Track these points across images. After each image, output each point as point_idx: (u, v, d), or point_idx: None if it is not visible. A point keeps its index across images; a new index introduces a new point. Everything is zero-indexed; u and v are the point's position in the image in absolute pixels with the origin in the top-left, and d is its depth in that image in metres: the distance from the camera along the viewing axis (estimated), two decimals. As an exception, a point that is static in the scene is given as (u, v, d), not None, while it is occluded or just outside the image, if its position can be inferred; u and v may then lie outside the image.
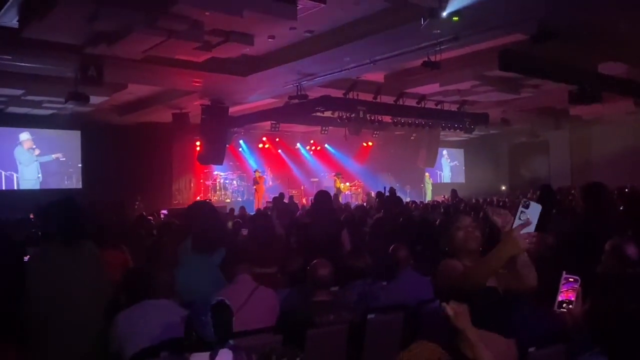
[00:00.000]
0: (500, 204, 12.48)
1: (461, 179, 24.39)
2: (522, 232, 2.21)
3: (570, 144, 20.22)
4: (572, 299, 2.16)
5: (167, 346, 2.64)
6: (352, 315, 3.30)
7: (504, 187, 21.98)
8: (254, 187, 17.29)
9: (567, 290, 2.17)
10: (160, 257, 4.52)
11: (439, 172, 23.56)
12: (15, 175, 14.67)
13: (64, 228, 3.17)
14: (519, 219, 2.23)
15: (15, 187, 14.57)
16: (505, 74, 10.76)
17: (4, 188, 14.35)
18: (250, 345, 2.52)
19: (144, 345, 2.71)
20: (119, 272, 3.68)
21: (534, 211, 2.24)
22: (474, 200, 14.35)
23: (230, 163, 18.30)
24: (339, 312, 3.28)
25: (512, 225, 2.24)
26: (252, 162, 18.96)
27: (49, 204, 3.26)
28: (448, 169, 24.46)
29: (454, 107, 14.86)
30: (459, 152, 24.60)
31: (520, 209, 2.23)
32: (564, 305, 2.15)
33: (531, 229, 2.22)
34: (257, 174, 17.37)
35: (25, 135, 14.81)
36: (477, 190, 19.71)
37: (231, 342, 2.27)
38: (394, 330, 3.41)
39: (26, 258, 3.45)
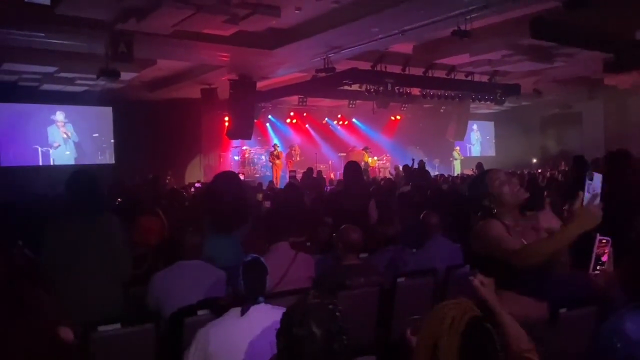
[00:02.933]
0: (530, 176, 12.30)
1: (491, 152, 24.04)
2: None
3: (605, 115, 19.64)
4: (605, 259, 2.18)
5: (205, 305, 2.74)
6: (382, 279, 3.36)
7: (535, 160, 21.59)
8: (273, 162, 17.29)
9: (600, 252, 2.19)
10: (191, 224, 4.63)
11: (468, 146, 23.26)
12: (50, 151, 15.08)
13: (75, 202, 3.27)
14: (588, 192, 2.20)
15: (51, 163, 14.99)
16: (538, 42, 10.49)
17: (40, 164, 14.79)
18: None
19: (180, 302, 2.83)
20: (155, 237, 3.80)
21: (597, 181, 2.22)
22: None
23: (259, 138, 18.42)
24: (370, 275, 3.34)
25: (582, 201, 2.19)
26: (274, 137, 18.99)
27: (67, 180, 3.33)
28: (478, 142, 24.12)
29: (484, 78, 14.59)
30: (489, 125, 24.20)
31: (587, 182, 2.21)
32: (598, 266, 2.17)
33: (598, 199, 2.19)
34: (277, 150, 17.42)
35: (59, 115, 15.16)
36: (507, 164, 19.41)
37: (261, 299, 2.34)
38: (424, 294, 3.46)
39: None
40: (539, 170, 14.93)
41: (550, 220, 2.55)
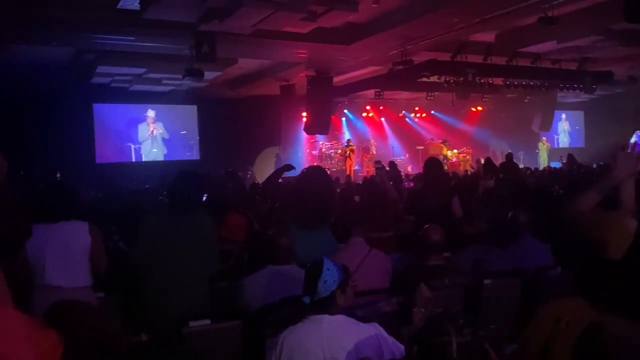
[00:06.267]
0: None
1: (580, 143, 22.71)
2: None
3: None
4: None
5: (288, 303, 2.79)
6: (467, 279, 3.27)
7: (629, 151, 20.13)
8: (348, 157, 17.22)
9: None
10: (275, 222, 4.72)
11: (556, 137, 22.11)
12: (141, 148, 15.96)
13: (175, 200, 3.42)
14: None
15: (143, 159, 15.87)
16: (633, 26, 9.74)
17: (133, 160, 15.70)
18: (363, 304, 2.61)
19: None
20: (242, 234, 3.91)
21: None
22: (594, 166, 13.35)
23: (336, 132, 18.51)
24: (454, 276, 3.26)
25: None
26: (348, 132, 18.93)
27: (174, 178, 3.49)
28: (566, 133, 22.86)
29: (572, 66, 13.77)
30: (579, 115, 22.86)
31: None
32: None
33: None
34: (351, 145, 17.37)
35: (150, 113, 16.00)
36: (598, 156, 18.25)
37: (306, 299, 2.32)
38: (512, 296, 3.33)
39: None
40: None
41: None
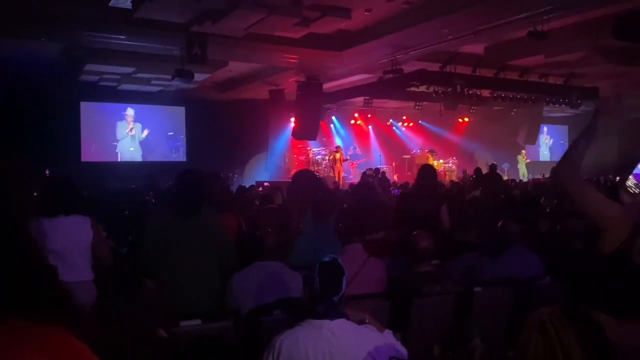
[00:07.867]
0: (608, 184, 11.65)
1: (564, 157, 23.00)
2: None
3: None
4: None
5: (281, 305, 2.77)
6: (458, 287, 3.27)
7: (612, 167, 20.42)
8: (335, 163, 17.25)
9: None
10: (262, 224, 4.72)
11: (538, 150, 22.37)
12: (119, 145, 15.69)
13: (182, 202, 3.40)
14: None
15: (119, 158, 15.63)
16: (621, 43, 9.91)
17: (119, 160, 15.52)
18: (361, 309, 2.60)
19: (256, 302, 2.88)
20: (232, 233, 3.90)
21: None
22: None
23: (324, 139, 18.53)
24: (446, 283, 3.27)
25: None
26: (338, 139, 18.98)
27: (177, 178, 3.46)
28: (547, 146, 23.14)
29: (559, 80, 13.98)
30: (563, 129, 23.17)
31: None
32: None
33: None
34: (340, 152, 17.38)
35: (129, 111, 15.78)
36: (582, 170, 18.46)
37: (335, 299, 2.26)
38: (503, 305, 3.34)
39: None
40: (617, 178, 14.12)
41: None
